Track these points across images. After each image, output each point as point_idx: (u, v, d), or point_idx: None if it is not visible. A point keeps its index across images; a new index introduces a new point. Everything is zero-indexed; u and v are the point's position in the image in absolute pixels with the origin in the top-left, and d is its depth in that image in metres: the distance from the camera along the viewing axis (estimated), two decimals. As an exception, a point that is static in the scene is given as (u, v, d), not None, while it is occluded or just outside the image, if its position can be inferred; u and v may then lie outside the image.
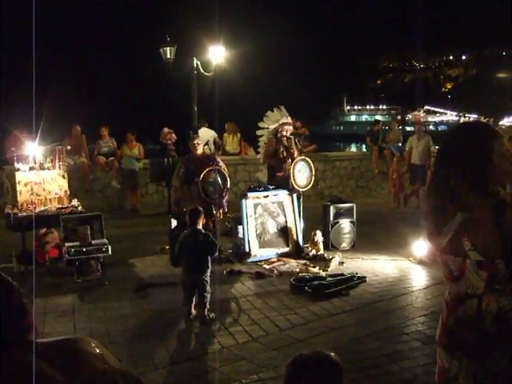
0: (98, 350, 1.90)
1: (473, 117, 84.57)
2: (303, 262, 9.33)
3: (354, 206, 10.46)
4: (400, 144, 16.97)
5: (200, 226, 7.13)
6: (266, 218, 9.94)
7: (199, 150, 10.17)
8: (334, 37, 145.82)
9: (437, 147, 9.91)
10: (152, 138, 18.52)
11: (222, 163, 10.11)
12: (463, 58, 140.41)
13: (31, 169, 9.54)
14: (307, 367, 2.33)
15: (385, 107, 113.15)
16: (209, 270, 6.91)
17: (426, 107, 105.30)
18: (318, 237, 9.74)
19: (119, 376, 1.72)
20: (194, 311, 6.88)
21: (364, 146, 20.16)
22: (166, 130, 15.12)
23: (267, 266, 9.13)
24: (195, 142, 10.21)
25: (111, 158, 14.95)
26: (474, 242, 2.64)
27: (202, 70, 13.96)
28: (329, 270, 8.89)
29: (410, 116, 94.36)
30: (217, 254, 7.38)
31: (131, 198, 14.96)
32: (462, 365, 2.72)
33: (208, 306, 6.83)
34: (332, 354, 2.41)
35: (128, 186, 14.91)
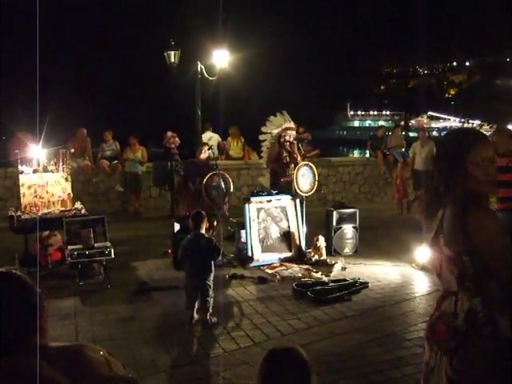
0: (104, 357, 1.91)
1: (476, 123, 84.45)
2: (305, 267, 9.34)
3: (357, 211, 10.46)
4: (403, 150, 16.98)
5: (203, 230, 7.14)
6: (268, 222, 9.94)
7: (203, 155, 10.23)
8: (337, 42, 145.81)
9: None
10: (155, 141, 18.54)
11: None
12: (467, 64, 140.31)
13: (35, 171, 9.54)
14: (280, 362, 2.42)
15: (388, 113, 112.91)
16: (212, 275, 6.91)
17: (430, 113, 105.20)
18: (321, 242, 9.75)
19: (124, 383, 1.74)
20: (196, 315, 6.88)
21: (368, 152, 20.12)
22: (169, 133, 15.12)
23: (269, 271, 9.14)
24: (203, 149, 10.28)
25: (114, 162, 14.97)
26: (446, 238, 2.79)
27: (205, 74, 13.98)
28: (331, 275, 8.89)
29: (413, 122, 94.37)
30: (220, 258, 7.37)
31: (134, 202, 14.96)
32: (437, 358, 2.83)
33: (210, 311, 6.83)
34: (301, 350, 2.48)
35: (131, 190, 14.92)
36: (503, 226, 2.74)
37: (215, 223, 10.02)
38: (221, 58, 14.09)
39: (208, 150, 10.40)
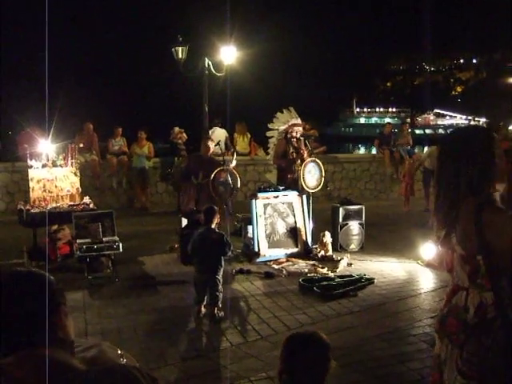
0: (119, 351, 1.98)
1: (482, 120, 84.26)
2: (312, 262, 9.39)
3: (363, 207, 10.51)
4: (409, 147, 17.00)
5: (214, 225, 7.19)
6: (275, 218, 10.00)
7: (210, 151, 10.29)
8: (344, 39, 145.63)
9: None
10: (161, 136, 18.61)
11: (232, 165, 10.16)
12: (474, 61, 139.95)
13: (44, 166, 9.62)
14: (303, 344, 2.62)
15: (394, 110, 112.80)
16: (222, 270, 6.97)
17: (436, 110, 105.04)
18: (327, 238, 9.79)
19: (137, 371, 1.80)
20: (203, 309, 6.94)
21: (374, 149, 20.14)
22: (176, 129, 15.21)
23: (276, 266, 9.19)
24: (208, 143, 10.30)
25: (121, 157, 15.05)
26: (459, 237, 2.83)
27: (213, 70, 14.02)
28: (337, 271, 8.94)
29: (419, 119, 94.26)
30: (230, 253, 7.41)
31: (141, 197, 15.02)
32: (448, 351, 2.89)
33: (219, 305, 6.89)
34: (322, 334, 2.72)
35: (138, 185, 15.00)
36: None
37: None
38: (228, 55, 14.12)
39: (215, 145, 10.45)
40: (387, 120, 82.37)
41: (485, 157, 2.85)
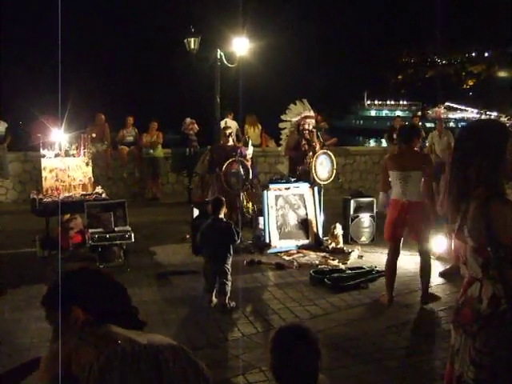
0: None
1: (493, 115, 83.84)
2: (323, 254, 9.43)
3: (375, 200, 10.51)
4: (421, 139, 16.95)
5: (222, 215, 7.22)
6: (286, 209, 10.03)
7: (230, 142, 10.33)
8: (355, 31, 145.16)
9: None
10: (173, 127, 18.64)
11: (248, 154, 10.20)
12: (486, 54, 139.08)
13: (57, 155, 9.69)
14: (292, 337, 2.71)
15: (405, 103, 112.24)
16: (230, 259, 7.01)
17: (447, 104, 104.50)
18: (338, 230, 9.81)
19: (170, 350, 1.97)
20: (214, 299, 6.99)
21: (384, 141, 20.13)
22: (188, 120, 15.24)
23: (287, 258, 9.23)
24: (227, 132, 10.35)
25: (133, 147, 15.11)
26: (469, 228, 2.85)
27: (225, 62, 14.02)
28: (348, 262, 8.97)
29: (430, 112, 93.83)
30: (238, 241, 7.43)
31: (152, 187, 15.09)
32: (462, 341, 2.92)
33: (229, 295, 6.93)
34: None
35: (149, 175, 15.06)
36: None
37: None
38: (241, 46, 14.12)
39: (228, 136, 10.48)
40: (398, 113, 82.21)
41: (495, 150, 2.87)
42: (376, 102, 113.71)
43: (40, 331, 5.76)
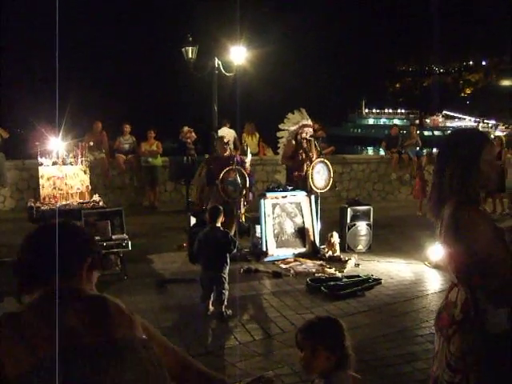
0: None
1: (491, 123, 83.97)
2: (319, 262, 9.44)
3: (371, 208, 10.54)
4: (418, 148, 17.01)
5: (219, 224, 7.24)
6: (283, 218, 10.04)
7: (227, 152, 10.30)
8: (353, 40, 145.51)
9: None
10: (170, 136, 18.66)
11: (247, 162, 10.19)
12: (483, 63, 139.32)
13: (54, 163, 9.71)
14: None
15: (403, 111, 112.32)
16: (227, 267, 7.03)
17: (445, 112, 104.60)
18: (335, 238, 9.82)
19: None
20: (211, 307, 7.00)
21: (382, 151, 20.16)
22: (186, 128, 15.27)
23: (284, 266, 9.24)
24: (224, 141, 10.33)
25: (130, 156, 15.13)
26: (443, 235, 2.92)
27: (223, 71, 14.04)
28: (345, 271, 8.98)
29: (428, 120, 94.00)
30: (235, 250, 7.45)
31: (149, 195, 15.11)
32: (440, 344, 2.99)
33: (225, 303, 6.94)
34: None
35: (147, 183, 15.08)
36: (496, 227, 2.85)
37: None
38: (238, 54, 14.15)
39: (225, 145, 10.47)
40: (396, 121, 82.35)
41: (466, 160, 2.91)
42: (374, 111, 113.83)
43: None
